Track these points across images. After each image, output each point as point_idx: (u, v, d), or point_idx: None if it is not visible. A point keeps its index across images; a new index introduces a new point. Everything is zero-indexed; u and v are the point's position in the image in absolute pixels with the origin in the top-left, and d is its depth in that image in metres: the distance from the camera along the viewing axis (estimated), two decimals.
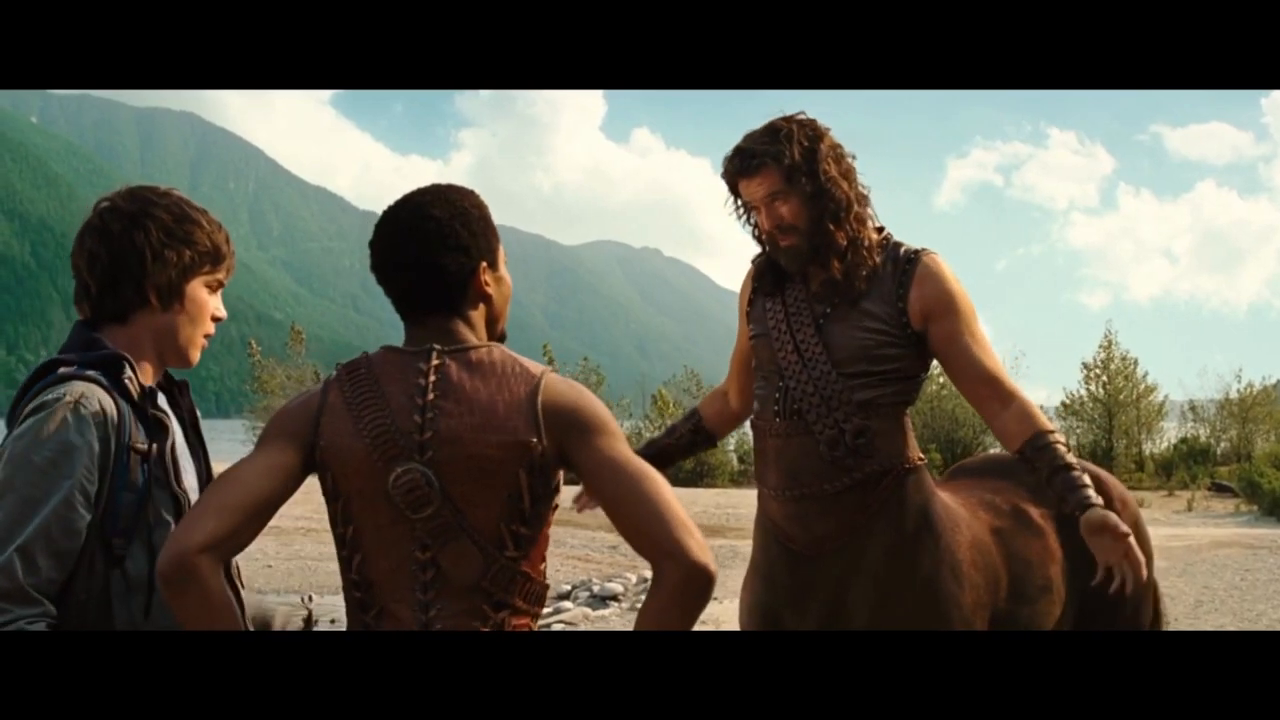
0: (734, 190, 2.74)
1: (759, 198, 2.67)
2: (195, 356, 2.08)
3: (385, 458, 1.79)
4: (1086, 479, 2.56)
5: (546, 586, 1.89)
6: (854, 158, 2.72)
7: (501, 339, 1.97)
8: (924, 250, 2.71)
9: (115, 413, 1.86)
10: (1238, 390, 25.85)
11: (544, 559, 1.88)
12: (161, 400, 2.02)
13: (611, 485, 1.78)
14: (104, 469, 1.83)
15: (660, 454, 3.10)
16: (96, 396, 1.84)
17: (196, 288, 2.04)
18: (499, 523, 1.80)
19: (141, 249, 1.96)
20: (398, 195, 1.93)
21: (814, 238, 2.66)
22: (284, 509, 1.90)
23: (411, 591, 1.80)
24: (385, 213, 1.91)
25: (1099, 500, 2.52)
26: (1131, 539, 2.45)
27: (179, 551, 1.67)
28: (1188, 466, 22.60)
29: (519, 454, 1.79)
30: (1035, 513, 2.90)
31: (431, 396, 1.81)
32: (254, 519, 1.76)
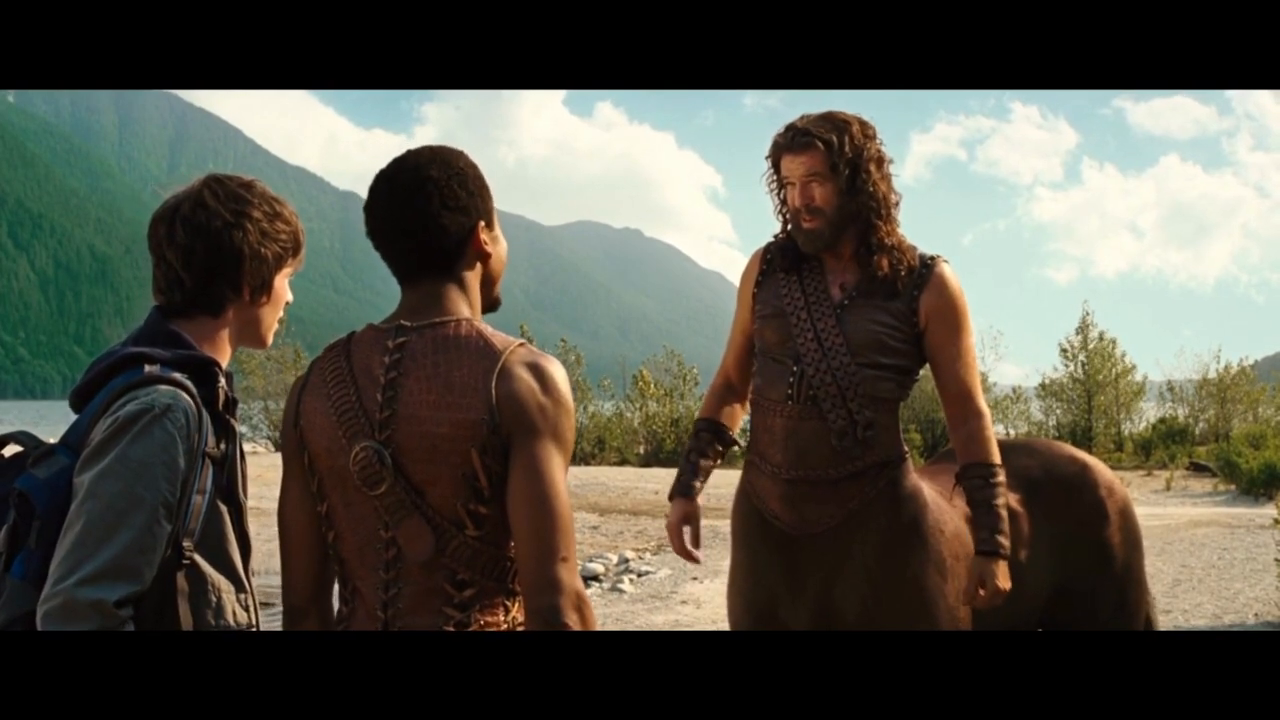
0: (775, 165, 2.83)
1: (798, 175, 2.75)
2: (270, 340, 2.11)
3: (348, 435, 1.81)
4: (1003, 523, 2.72)
5: None
6: (892, 162, 2.84)
7: (495, 304, 1.97)
8: (939, 257, 2.84)
9: (198, 420, 1.86)
10: (1216, 370, 26.00)
11: None
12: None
13: (517, 491, 1.76)
14: (186, 480, 1.83)
15: (704, 472, 3.14)
16: (183, 407, 1.84)
17: (280, 279, 2.07)
18: (456, 502, 1.78)
19: (240, 248, 1.98)
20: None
21: (837, 226, 2.76)
22: None
23: (375, 570, 1.82)
24: (380, 174, 1.89)
25: (1004, 547, 2.71)
26: (996, 594, 2.69)
27: (289, 611, 1.94)
28: (1166, 446, 22.72)
29: (471, 433, 1.76)
30: (1011, 499, 2.94)
31: (393, 374, 1.81)
32: (317, 550, 1.91)
